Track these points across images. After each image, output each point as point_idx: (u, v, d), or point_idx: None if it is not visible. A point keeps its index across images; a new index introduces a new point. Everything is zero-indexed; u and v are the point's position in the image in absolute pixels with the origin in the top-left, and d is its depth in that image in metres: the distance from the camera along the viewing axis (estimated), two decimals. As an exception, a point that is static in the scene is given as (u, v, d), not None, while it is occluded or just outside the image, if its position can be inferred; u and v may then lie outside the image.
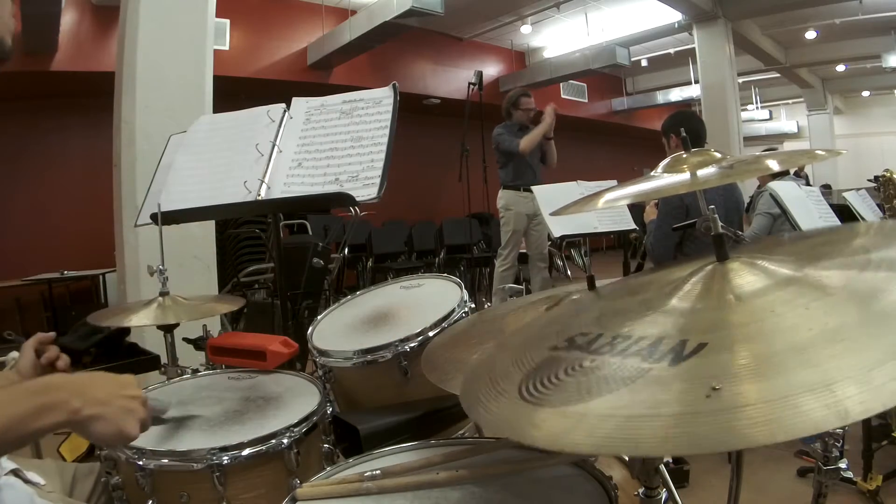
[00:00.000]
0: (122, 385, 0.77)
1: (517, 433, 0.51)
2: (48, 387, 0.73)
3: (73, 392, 0.72)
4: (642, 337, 0.55)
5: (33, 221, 6.25)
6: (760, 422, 0.40)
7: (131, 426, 0.75)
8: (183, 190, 1.75)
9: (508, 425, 0.54)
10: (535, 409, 0.52)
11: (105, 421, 0.72)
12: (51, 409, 0.69)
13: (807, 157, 0.76)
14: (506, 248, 4.44)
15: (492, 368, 0.65)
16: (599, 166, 10.80)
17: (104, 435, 0.73)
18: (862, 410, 0.38)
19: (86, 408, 0.71)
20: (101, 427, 0.72)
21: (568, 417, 0.49)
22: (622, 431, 0.45)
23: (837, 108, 14.04)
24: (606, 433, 0.45)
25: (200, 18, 3.37)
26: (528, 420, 0.52)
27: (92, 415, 0.71)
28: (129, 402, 0.76)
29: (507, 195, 4.42)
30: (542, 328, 0.73)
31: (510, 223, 4.40)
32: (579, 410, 0.49)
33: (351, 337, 1.34)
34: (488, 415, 0.56)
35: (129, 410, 0.75)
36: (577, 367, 0.55)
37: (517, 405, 0.54)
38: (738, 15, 8.19)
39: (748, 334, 0.49)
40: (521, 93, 4.55)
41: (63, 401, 0.70)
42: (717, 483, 2.13)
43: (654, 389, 0.47)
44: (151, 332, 1.70)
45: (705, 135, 2.70)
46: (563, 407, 0.50)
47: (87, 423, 0.71)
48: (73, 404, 0.70)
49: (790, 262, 0.59)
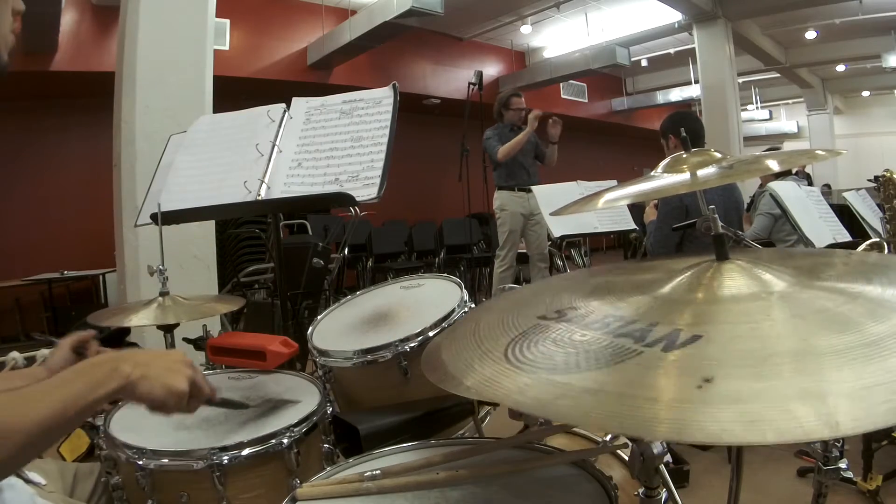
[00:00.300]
0: (165, 354, 0.83)
1: (500, 396, 0.51)
2: (99, 361, 0.78)
3: (122, 360, 0.77)
4: (635, 319, 0.55)
5: (33, 221, 6.25)
6: (752, 420, 0.40)
7: (178, 381, 0.79)
8: (183, 190, 1.75)
9: (491, 386, 0.53)
10: (521, 373, 0.52)
11: (152, 379, 0.77)
12: (107, 378, 0.74)
13: (807, 157, 0.76)
14: (503, 248, 4.44)
15: (476, 327, 0.64)
16: (599, 166, 10.80)
17: (153, 393, 0.77)
18: (853, 426, 0.38)
19: (134, 371, 0.76)
20: (149, 386, 0.76)
21: (555, 387, 0.48)
22: (608, 407, 0.45)
23: (837, 108, 14.04)
24: (592, 407, 0.45)
25: (200, 18, 3.37)
26: (512, 383, 0.51)
27: (141, 375, 0.76)
28: (173, 363, 0.81)
29: (502, 196, 4.42)
30: (530, 296, 0.72)
31: (506, 223, 4.40)
32: (567, 381, 0.49)
33: (351, 337, 1.34)
34: (472, 373, 0.56)
35: (173, 370, 0.80)
36: (566, 338, 0.55)
37: (502, 367, 0.54)
38: (738, 15, 8.20)
39: (743, 334, 0.49)
40: (511, 93, 4.54)
41: (115, 369, 0.75)
42: (717, 483, 2.13)
43: (645, 372, 0.47)
44: (151, 332, 1.71)
45: (704, 135, 2.71)
46: (551, 375, 0.50)
47: (137, 384, 0.76)
48: (125, 370, 0.75)
49: (788, 275, 0.59)
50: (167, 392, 0.78)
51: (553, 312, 0.62)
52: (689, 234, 2.57)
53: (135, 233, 3.00)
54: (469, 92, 4.67)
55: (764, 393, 0.42)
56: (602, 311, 0.59)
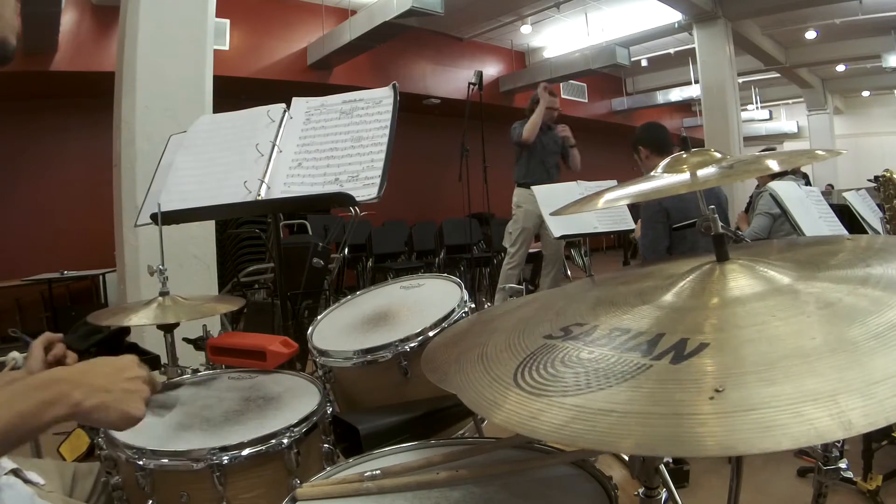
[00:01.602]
0: (121, 368, 0.78)
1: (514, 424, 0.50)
2: (49, 381, 0.72)
3: (74, 384, 0.72)
4: (641, 332, 0.55)
5: (33, 221, 6.25)
6: (765, 427, 0.39)
7: (136, 407, 0.75)
8: (183, 190, 1.75)
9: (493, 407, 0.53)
10: (532, 398, 0.51)
11: (108, 408, 0.73)
12: (53, 403, 0.69)
13: (807, 157, 0.75)
14: (515, 244, 4.41)
15: (483, 351, 0.64)
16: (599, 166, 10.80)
17: (111, 421, 0.73)
18: (866, 423, 0.38)
19: (87, 399, 0.71)
20: (105, 415, 0.72)
21: (567, 409, 0.48)
22: (622, 427, 0.44)
23: (837, 108, 14.05)
24: (606, 428, 0.45)
25: (200, 18, 3.36)
26: (525, 410, 0.51)
27: (95, 404, 0.72)
28: (130, 383, 0.76)
29: (519, 193, 4.43)
30: (534, 314, 0.72)
31: (520, 221, 4.39)
32: (578, 403, 0.48)
33: (351, 337, 1.34)
34: (481, 400, 0.56)
35: (131, 392, 0.75)
36: (574, 357, 0.55)
37: (512, 393, 0.54)
38: (738, 15, 8.19)
39: (750, 337, 0.49)
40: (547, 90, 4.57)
41: (64, 394, 0.70)
42: (717, 483, 2.13)
43: (656, 387, 0.47)
44: (151, 332, 1.70)
45: (671, 143, 2.76)
46: (562, 398, 0.50)
47: (91, 412, 0.71)
48: (75, 397, 0.70)
49: (790, 269, 0.58)
50: (126, 420, 0.74)
51: (559, 331, 0.61)
52: (677, 236, 2.59)
53: (135, 233, 3.00)
54: (469, 92, 4.67)
55: (775, 398, 0.41)
56: (607, 325, 0.58)
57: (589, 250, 4.15)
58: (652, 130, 2.98)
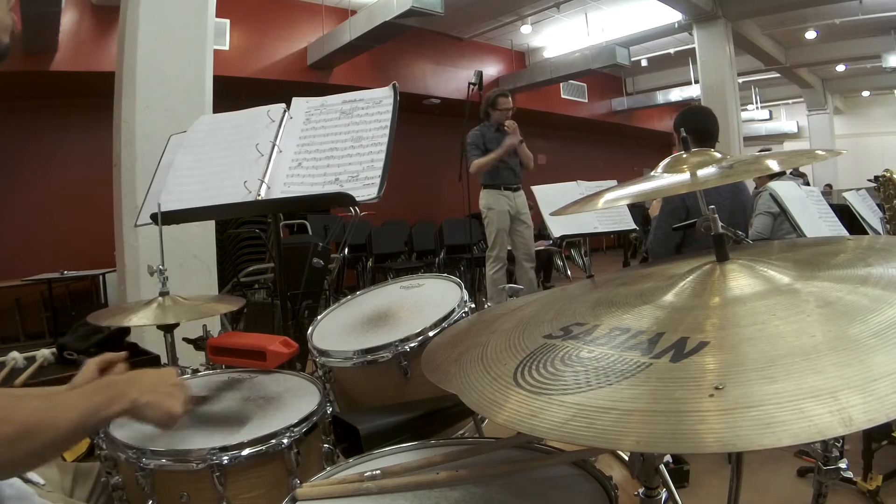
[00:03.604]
0: (164, 376, 0.95)
1: (514, 422, 0.51)
2: (111, 382, 0.91)
3: (130, 385, 0.88)
4: (641, 331, 0.55)
5: (33, 221, 6.25)
6: (766, 424, 0.40)
7: (175, 406, 0.90)
8: (183, 190, 1.75)
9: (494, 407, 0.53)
10: (533, 397, 0.52)
11: (156, 406, 0.88)
12: (116, 399, 0.84)
13: (807, 157, 0.75)
14: (493, 248, 4.37)
15: (484, 351, 0.64)
16: (599, 166, 10.81)
17: (157, 417, 0.89)
18: (866, 420, 0.38)
19: (141, 396, 0.87)
20: (153, 412, 0.88)
21: (567, 408, 0.48)
22: (623, 425, 0.44)
23: (837, 108, 14.05)
24: (607, 426, 0.45)
25: (200, 18, 3.37)
26: (526, 408, 0.51)
27: (147, 402, 0.87)
28: (172, 388, 0.92)
29: (487, 195, 4.38)
30: (534, 314, 0.72)
31: (493, 223, 4.35)
32: (578, 401, 0.48)
33: (351, 337, 1.34)
34: (481, 399, 0.56)
35: (172, 394, 0.91)
36: (574, 356, 0.55)
37: (513, 392, 0.54)
38: (738, 15, 8.20)
39: (751, 336, 0.49)
40: (499, 93, 4.51)
41: (123, 393, 0.86)
42: (717, 483, 2.13)
43: (656, 385, 0.47)
44: (151, 332, 1.70)
45: (717, 131, 2.57)
46: (562, 396, 0.50)
47: (143, 408, 0.87)
48: (132, 395, 0.86)
49: (790, 269, 0.58)
50: (168, 415, 0.89)
51: (559, 330, 0.61)
52: (689, 235, 2.56)
53: (135, 233, 3.00)
54: (469, 92, 4.67)
55: (776, 395, 0.41)
56: (607, 325, 0.58)
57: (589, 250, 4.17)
58: (694, 115, 2.81)
